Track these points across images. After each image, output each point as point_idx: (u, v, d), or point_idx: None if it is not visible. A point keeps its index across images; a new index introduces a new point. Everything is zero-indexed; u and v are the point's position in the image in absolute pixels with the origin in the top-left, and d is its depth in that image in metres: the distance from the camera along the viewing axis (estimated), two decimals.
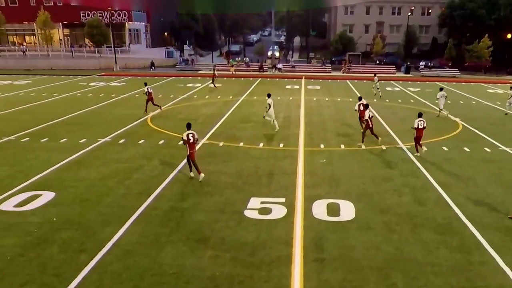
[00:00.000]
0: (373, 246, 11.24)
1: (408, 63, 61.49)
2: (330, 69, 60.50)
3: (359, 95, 27.80)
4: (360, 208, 13.53)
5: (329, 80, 50.57)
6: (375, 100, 34.20)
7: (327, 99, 35.47)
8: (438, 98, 27.99)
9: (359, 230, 12.15)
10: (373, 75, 38.95)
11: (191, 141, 15.69)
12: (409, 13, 70.35)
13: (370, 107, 21.27)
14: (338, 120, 26.68)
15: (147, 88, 28.65)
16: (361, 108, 22.42)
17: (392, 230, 12.13)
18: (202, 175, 15.85)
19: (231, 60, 63.39)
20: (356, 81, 50.01)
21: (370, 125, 20.66)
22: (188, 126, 16.04)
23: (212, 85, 41.41)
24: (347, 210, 13.41)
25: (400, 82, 49.80)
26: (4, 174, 16.44)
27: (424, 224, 12.55)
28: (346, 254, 10.86)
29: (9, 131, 22.88)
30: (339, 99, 34.78)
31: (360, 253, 10.90)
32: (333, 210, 13.44)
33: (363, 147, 20.50)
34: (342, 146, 20.73)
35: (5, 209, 13.27)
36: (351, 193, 14.82)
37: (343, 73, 58.26)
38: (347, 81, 49.84)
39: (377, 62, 67.03)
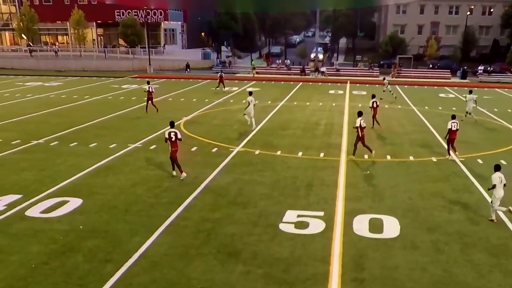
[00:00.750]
0: (419, 267, 11.09)
1: (465, 68, 60.18)
2: (378, 73, 59.92)
3: (372, 93, 27.95)
4: (405, 225, 13.36)
5: (376, 85, 50.04)
6: (389, 104, 33.64)
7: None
8: (467, 101, 28.85)
9: (403, 248, 12.01)
10: (382, 79, 39.06)
11: (172, 139, 16.74)
12: (468, 13, 68.85)
13: (362, 116, 20.23)
14: (385, 128, 26.41)
15: (149, 87, 30.27)
16: (375, 105, 22.82)
17: (440, 250, 11.93)
18: (184, 174, 17.02)
19: (252, 62, 63.61)
20: (406, 86, 49.35)
21: (360, 135, 19.98)
22: (171, 125, 17.27)
23: (218, 89, 41.96)
24: (391, 227, 13.27)
25: (455, 88, 48.84)
26: (33, 178, 17.09)
27: (476, 244, 12.29)
28: (388, 274, 10.76)
29: (38, 134, 23.76)
30: (386, 106, 34.38)
31: (404, 274, 10.77)
32: (376, 226, 13.33)
33: (411, 158, 20.23)
34: (388, 157, 20.52)
35: (32, 215, 13.79)
36: (396, 208, 14.66)
37: (392, 77, 57.51)
38: (396, 86, 49.14)
39: (430, 65, 65.86)
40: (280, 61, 65.38)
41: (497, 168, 13.70)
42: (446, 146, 20.84)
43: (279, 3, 72.25)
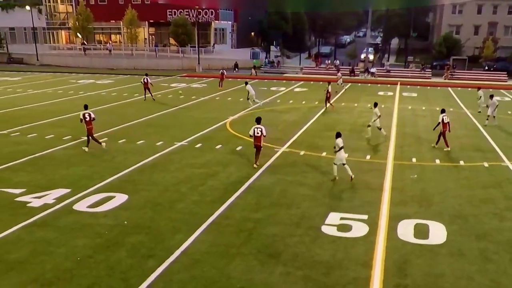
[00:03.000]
0: (465, 276, 10.76)
1: None
2: (430, 75, 58.52)
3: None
4: (452, 232, 13.00)
5: (428, 87, 48.97)
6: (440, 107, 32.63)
7: (424, 108, 34.39)
8: (487, 106, 28.64)
9: (450, 256, 11.68)
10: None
11: (87, 119, 20.31)
12: None
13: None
14: (435, 132, 25.71)
15: (145, 79, 35.29)
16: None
17: (488, 259, 11.53)
18: (104, 144, 20.80)
19: (254, 60, 62.79)
20: (459, 88, 47.99)
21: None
22: (85, 107, 21.03)
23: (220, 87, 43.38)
24: (438, 233, 12.94)
25: None
26: (82, 174, 17.64)
27: None
28: (432, 282, 10.49)
29: None
30: (437, 109, 33.37)
31: (449, 283, 10.47)
32: (421, 231, 13.03)
33: (462, 163, 19.68)
34: (437, 161, 20.02)
35: (79, 209, 14.24)
36: (443, 214, 14.28)
37: (445, 79, 56.13)
38: (449, 88, 47.98)
39: (486, 67, 63.79)
40: (329, 61, 64.87)
41: None
42: (442, 139, 22.00)
43: (331, 3, 71.59)
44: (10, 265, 10.91)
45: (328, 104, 32.99)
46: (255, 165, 18.69)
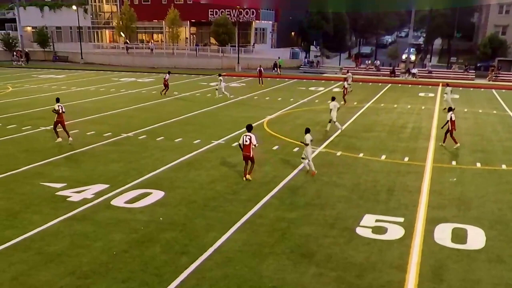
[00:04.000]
0: (504, 283, 10.43)
1: None
2: (474, 76, 57.05)
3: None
4: (491, 237, 12.62)
5: (471, 89, 47.74)
6: (483, 109, 31.61)
7: (466, 110, 33.54)
8: None
9: (488, 262, 11.35)
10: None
11: (59, 111, 21.49)
12: None
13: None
14: (477, 134, 25.10)
15: (166, 75, 38.61)
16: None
17: None
18: (71, 139, 21.67)
19: (279, 59, 60.62)
20: (504, 90, 46.61)
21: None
22: (57, 100, 22.20)
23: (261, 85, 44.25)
24: (476, 238, 12.59)
25: None
26: (120, 170, 17.96)
27: None
28: None
29: (128, 128, 24.95)
30: (480, 111, 32.70)
31: None
32: (459, 236, 12.71)
33: (504, 166, 19.08)
34: (478, 165, 19.49)
35: (116, 205, 14.50)
36: (482, 219, 13.89)
37: (489, 81, 54.62)
38: (493, 90, 46.64)
39: None
40: (369, 61, 64.08)
41: None
42: (450, 137, 22.06)
43: (373, 3, 70.65)
44: (49, 257, 11.20)
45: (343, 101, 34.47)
46: (245, 178, 16.90)
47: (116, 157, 19.72)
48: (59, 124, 21.65)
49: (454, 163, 19.64)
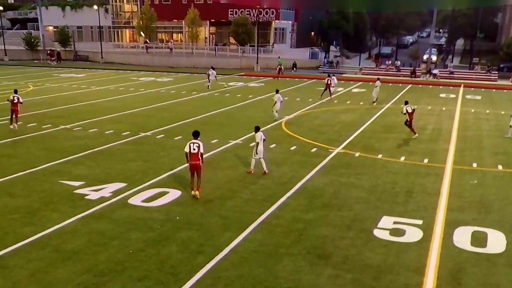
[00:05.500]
0: None
1: None
2: (497, 77, 56.22)
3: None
4: None
5: (493, 90, 47.06)
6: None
7: (488, 111, 33.06)
8: None
9: (508, 266, 11.16)
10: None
11: (14, 101, 23.96)
12: None
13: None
14: (499, 136, 24.71)
15: (211, 70, 41.67)
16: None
17: None
18: (15, 126, 24.00)
19: (278, 59, 59.86)
20: None
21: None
22: (15, 92, 24.87)
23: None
24: (496, 242, 12.40)
25: None
26: (138, 169, 18.08)
27: None
28: None
29: (146, 127, 25.10)
30: (503, 112, 32.19)
31: None
32: (479, 239, 12.53)
33: (501, 168, 18.79)
34: (500, 167, 19.20)
35: (134, 203, 14.59)
36: (503, 222, 13.67)
37: (511, 82, 53.83)
38: None
39: None
40: (389, 62, 63.55)
41: None
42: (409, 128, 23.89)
43: (395, 3, 70.08)
44: (67, 254, 11.32)
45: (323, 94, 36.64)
46: (192, 194, 15.07)
47: (134, 156, 19.85)
48: (14, 113, 24.32)
49: (475, 165, 19.38)
